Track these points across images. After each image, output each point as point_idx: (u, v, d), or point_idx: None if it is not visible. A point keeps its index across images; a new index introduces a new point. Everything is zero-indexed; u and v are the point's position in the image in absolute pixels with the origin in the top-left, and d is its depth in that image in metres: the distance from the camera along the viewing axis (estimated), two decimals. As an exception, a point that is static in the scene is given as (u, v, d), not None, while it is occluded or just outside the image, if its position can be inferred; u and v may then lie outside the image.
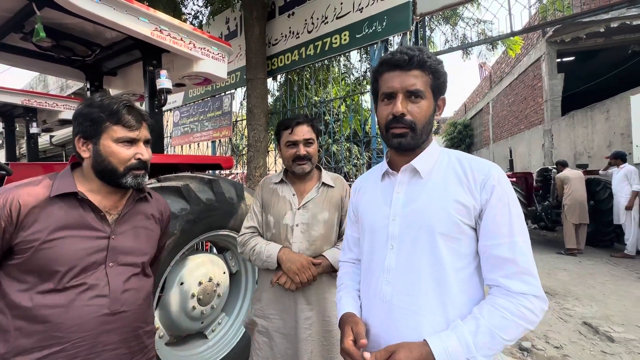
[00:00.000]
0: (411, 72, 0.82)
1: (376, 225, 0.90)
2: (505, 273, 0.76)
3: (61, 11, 1.62)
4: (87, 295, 0.88)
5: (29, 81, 11.50)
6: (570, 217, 5.67)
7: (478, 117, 17.23)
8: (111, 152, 0.94)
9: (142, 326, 1.00)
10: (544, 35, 9.20)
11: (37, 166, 2.60)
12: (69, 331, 0.85)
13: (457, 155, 0.88)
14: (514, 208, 0.78)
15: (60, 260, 0.86)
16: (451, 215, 0.79)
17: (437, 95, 0.85)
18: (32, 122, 3.23)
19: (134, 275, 0.99)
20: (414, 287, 0.81)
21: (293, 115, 1.49)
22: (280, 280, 1.35)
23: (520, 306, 0.72)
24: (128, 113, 0.95)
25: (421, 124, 0.83)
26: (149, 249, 1.05)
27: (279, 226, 1.42)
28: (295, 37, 3.97)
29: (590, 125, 7.75)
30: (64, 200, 0.90)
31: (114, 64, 2.50)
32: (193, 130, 5.40)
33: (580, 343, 2.80)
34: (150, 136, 1.03)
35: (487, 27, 5.58)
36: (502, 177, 0.80)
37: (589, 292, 3.95)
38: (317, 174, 1.53)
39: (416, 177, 0.87)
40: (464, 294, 0.80)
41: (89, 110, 0.94)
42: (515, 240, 0.76)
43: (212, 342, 2.05)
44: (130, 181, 0.97)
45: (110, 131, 0.94)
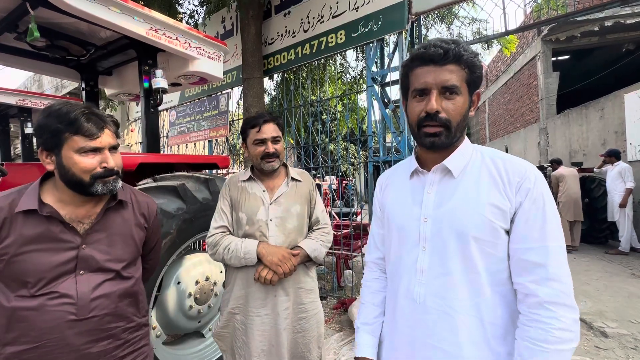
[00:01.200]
0: (446, 67, 0.76)
1: (406, 226, 0.87)
2: (534, 278, 0.72)
3: (55, 11, 1.62)
4: (56, 302, 0.92)
5: (24, 81, 11.40)
6: (565, 214, 5.72)
7: (475, 116, 17.30)
8: (73, 163, 0.92)
9: (121, 325, 1.02)
10: (539, 34, 9.26)
11: (32, 166, 2.58)
12: (41, 332, 0.90)
13: (491, 154, 0.83)
14: (549, 212, 0.74)
15: (28, 272, 0.90)
16: (485, 219, 0.76)
17: (472, 90, 0.80)
18: (27, 122, 3.21)
19: (107, 280, 0.99)
20: (447, 290, 0.79)
21: (259, 114, 1.50)
22: (262, 274, 1.35)
23: (554, 330, 0.69)
24: (87, 121, 0.92)
25: (456, 121, 0.78)
26: (126, 255, 1.05)
27: (252, 222, 1.43)
28: (291, 36, 3.97)
29: (585, 123, 7.81)
30: (30, 215, 0.92)
31: (109, 64, 2.49)
32: (189, 130, 5.39)
33: (575, 339, 2.84)
34: (115, 142, 1.00)
35: (482, 26, 5.61)
36: (539, 179, 0.77)
37: (583, 289, 4.00)
38: (283, 170, 1.57)
39: (448, 176, 0.83)
40: (497, 295, 0.78)
41: (46, 121, 0.91)
42: (547, 245, 0.73)
43: (209, 341, 2.06)
44: (101, 189, 0.96)
45: (71, 142, 0.91)
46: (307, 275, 1.50)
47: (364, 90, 3.87)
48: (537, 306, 0.71)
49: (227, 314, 1.47)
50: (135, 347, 1.06)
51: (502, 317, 0.77)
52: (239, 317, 1.44)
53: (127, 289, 1.04)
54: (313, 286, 1.52)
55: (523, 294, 0.75)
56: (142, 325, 1.10)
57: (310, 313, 1.47)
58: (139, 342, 1.08)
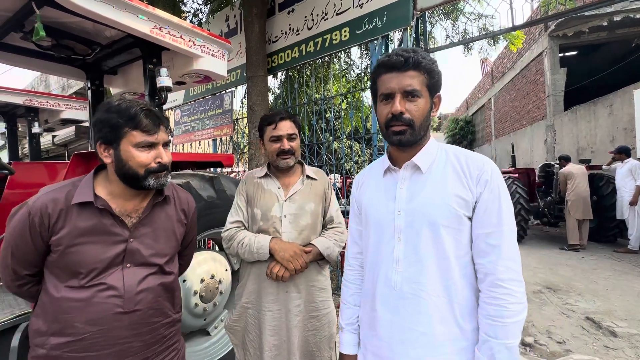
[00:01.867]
0: (407, 73, 0.87)
1: (382, 220, 0.94)
2: (492, 258, 0.83)
3: (61, 10, 1.62)
4: (105, 294, 0.94)
5: (31, 81, 11.53)
6: (573, 213, 5.65)
7: (480, 113, 17.15)
8: (131, 156, 0.96)
9: (160, 320, 1.04)
10: (546, 29, 9.12)
11: (39, 165, 2.61)
12: (86, 324, 0.92)
13: (454, 151, 0.94)
14: (503, 199, 0.85)
15: (81, 263, 0.93)
16: (452, 209, 0.86)
17: (432, 93, 0.90)
18: (34, 121, 3.24)
19: (151, 274, 1.02)
20: (421, 275, 0.88)
21: (276, 111, 1.52)
22: (274, 269, 1.37)
23: (508, 305, 0.80)
24: (146, 117, 0.96)
25: (419, 121, 0.88)
26: (168, 250, 1.08)
27: (266, 218, 1.45)
28: (295, 33, 3.95)
29: (593, 120, 7.69)
30: (84, 208, 0.95)
31: (114, 63, 2.49)
32: (194, 129, 5.41)
33: (583, 338, 2.80)
34: (168, 138, 1.05)
35: (488, 22, 5.54)
36: (495, 172, 0.88)
37: (591, 287, 3.95)
38: (299, 168, 1.57)
39: (417, 172, 0.93)
40: (464, 279, 0.87)
41: (107, 116, 0.96)
42: (502, 229, 0.84)
43: (214, 338, 2.07)
44: (153, 183, 1.00)
45: (130, 136, 0.96)
46: (320, 273, 1.49)
47: (368, 88, 3.85)
48: (494, 284, 0.82)
49: (240, 308, 1.49)
50: (170, 342, 1.08)
51: (469, 297, 0.87)
52: (251, 311, 1.46)
53: (168, 284, 1.07)
54: (326, 285, 1.52)
55: (483, 273, 0.85)
56: (176, 321, 1.12)
57: (322, 312, 1.47)
58: (173, 337, 1.10)
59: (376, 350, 0.95)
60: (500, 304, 0.81)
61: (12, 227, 0.93)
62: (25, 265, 0.95)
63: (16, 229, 0.92)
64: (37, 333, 0.93)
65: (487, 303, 0.83)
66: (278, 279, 1.37)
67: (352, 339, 1.07)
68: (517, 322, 0.81)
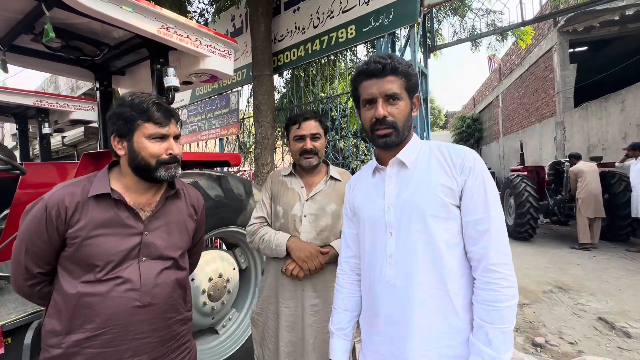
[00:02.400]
0: (386, 78, 0.91)
1: (374, 217, 0.97)
2: (483, 244, 0.85)
3: (70, 11, 1.63)
4: (122, 288, 0.95)
5: (41, 83, 11.72)
6: (584, 211, 5.54)
7: (487, 111, 16.94)
8: (144, 147, 0.99)
9: (174, 316, 1.05)
10: (555, 25, 8.96)
11: (49, 166, 2.64)
12: (105, 318, 0.93)
13: (436, 144, 0.97)
14: (488, 186, 0.87)
15: (98, 255, 0.94)
16: (438, 198, 0.88)
17: (411, 95, 0.95)
18: (45, 122, 3.28)
19: (166, 268, 1.03)
20: (413, 267, 0.89)
21: (301, 111, 1.54)
22: (289, 267, 1.39)
23: (502, 289, 0.82)
24: (157, 110, 1.00)
25: (401, 122, 0.92)
26: (182, 244, 1.10)
27: (287, 216, 1.48)
28: (301, 32, 3.94)
29: (605, 116, 7.54)
30: (100, 200, 0.97)
31: (122, 63, 2.51)
32: (201, 129, 5.44)
33: (596, 339, 2.75)
34: (179, 131, 1.08)
35: (496, 18, 5.45)
36: (477, 159, 0.90)
37: (603, 287, 3.87)
38: (324, 168, 1.58)
39: (403, 168, 0.96)
40: (460, 268, 0.88)
41: (121, 109, 0.99)
42: (490, 215, 0.85)
43: (223, 337, 2.08)
44: (164, 174, 1.02)
45: (142, 128, 0.99)
46: None
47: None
48: (487, 269, 0.83)
49: (262, 301, 1.54)
50: (183, 340, 1.10)
51: (465, 287, 0.88)
52: (271, 306, 1.50)
53: (181, 280, 1.08)
54: None
55: (476, 260, 0.86)
56: (187, 319, 1.13)
57: None
58: (186, 336, 1.11)
59: (377, 348, 0.95)
60: (495, 289, 0.82)
61: (27, 222, 0.94)
62: (38, 262, 0.96)
63: (32, 224, 0.93)
64: (52, 333, 0.93)
65: (481, 289, 0.85)
66: (293, 277, 1.40)
67: (341, 344, 1.07)
68: (512, 306, 0.82)
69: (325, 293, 1.44)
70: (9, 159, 2.01)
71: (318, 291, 1.43)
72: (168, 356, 1.03)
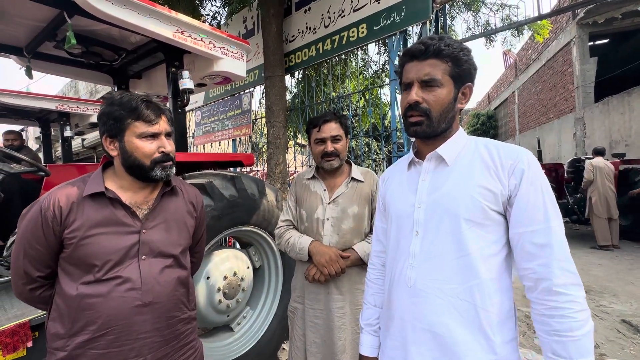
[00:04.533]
0: (427, 62, 0.83)
1: (402, 213, 0.90)
2: (543, 261, 0.73)
3: (90, 18, 1.69)
4: (123, 287, 0.94)
5: (62, 88, 12.14)
6: (597, 212, 5.39)
7: (503, 107, 16.54)
8: (136, 147, 0.98)
9: (177, 315, 1.04)
10: (574, 17, 8.66)
11: (71, 167, 2.74)
12: (107, 319, 0.92)
13: (484, 142, 0.87)
14: (546, 192, 0.76)
15: (96, 255, 0.93)
16: (476, 200, 0.78)
17: (458, 83, 0.84)
18: (66, 126, 3.41)
19: (167, 267, 1.02)
20: (437, 272, 0.81)
21: (322, 114, 1.54)
22: (311, 272, 1.42)
23: (574, 315, 0.70)
24: (147, 108, 0.98)
25: (437, 111, 0.83)
26: (182, 240, 1.08)
27: (311, 220, 1.50)
28: (312, 32, 3.95)
29: (628, 111, 7.24)
30: (96, 200, 0.97)
31: (139, 67, 2.59)
32: (214, 130, 5.52)
33: (619, 342, 2.65)
34: (170, 129, 1.06)
35: (512, 12, 5.32)
36: (533, 161, 0.78)
37: (627, 289, 3.73)
38: (347, 169, 1.57)
39: (442, 164, 0.87)
40: (494, 282, 0.78)
41: (110, 109, 0.98)
42: (550, 225, 0.73)
43: (238, 334, 2.11)
44: (160, 173, 1.01)
45: (132, 127, 0.98)
46: (364, 276, 1.47)
47: (386, 84, 3.79)
48: (551, 292, 0.71)
49: (293, 299, 1.59)
50: (187, 340, 1.09)
51: (498, 304, 0.77)
52: (300, 306, 1.54)
53: (183, 278, 1.07)
54: None
55: (533, 280, 0.74)
56: (192, 318, 1.12)
57: None
58: (190, 335, 1.11)
59: (390, 352, 0.90)
60: (567, 314, 0.70)
61: (24, 225, 0.94)
62: (37, 265, 0.95)
63: (29, 227, 0.93)
64: (56, 337, 0.93)
65: (547, 316, 0.72)
66: (315, 281, 1.42)
67: (370, 340, 1.04)
68: (588, 333, 0.70)
69: (351, 295, 1.44)
70: (34, 161, 2.10)
71: (344, 293, 1.44)
72: (172, 355, 1.03)
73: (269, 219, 2.10)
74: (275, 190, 2.26)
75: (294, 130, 5.37)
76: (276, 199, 2.20)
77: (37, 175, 2.36)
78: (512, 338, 0.80)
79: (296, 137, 5.55)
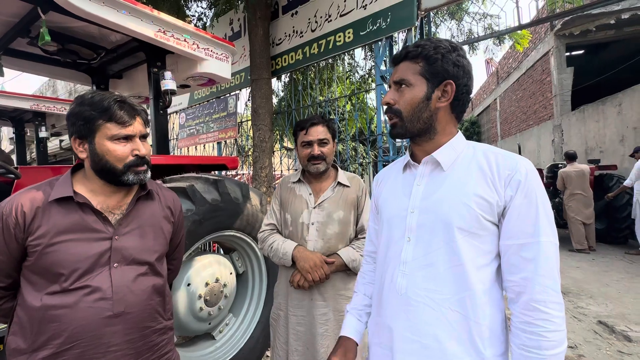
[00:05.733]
0: (400, 65, 0.85)
1: (394, 217, 0.88)
2: (527, 275, 0.71)
3: (66, 14, 1.63)
4: (91, 297, 0.88)
5: (39, 87, 11.71)
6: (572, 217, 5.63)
7: (485, 114, 17.00)
8: (107, 150, 0.92)
9: (152, 325, 0.99)
10: (552, 28, 9.02)
11: (46, 169, 2.62)
12: (74, 332, 0.86)
13: (483, 148, 0.83)
14: (541, 205, 0.73)
15: (62, 263, 0.87)
16: (470, 209, 0.76)
17: (433, 80, 0.80)
18: (41, 126, 3.27)
19: (141, 275, 0.97)
20: (429, 281, 0.79)
21: (309, 117, 1.53)
22: (295, 278, 1.40)
23: (546, 334, 0.69)
24: (120, 109, 0.92)
25: (407, 111, 0.82)
26: (158, 247, 1.03)
27: (295, 224, 1.47)
28: (299, 36, 3.95)
29: (602, 119, 7.57)
30: (63, 205, 0.91)
31: (119, 67, 2.51)
32: (199, 132, 5.43)
33: (596, 342, 2.73)
34: (146, 130, 1.00)
35: (493, 22, 5.49)
36: (531, 173, 0.75)
37: (603, 291, 3.86)
38: (333, 174, 1.56)
39: (438, 169, 0.84)
40: (485, 294, 0.76)
41: (80, 109, 0.92)
42: (540, 240, 0.71)
43: (219, 343, 2.05)
44: (132, 178, 0.95)
45: (104, 129, 0.92)
46: (348, 283, 1.46)
47: (372, 89, 3.82)
48: (529, 307, 0.71)
49: (275, 306, 1.55)
50: (162, 351, 1.04)
51: (490, 317, 0.76)
52: (282, 313, 1.50)
53: (159, 286, 1.02)
54: None
55: (515, 292, 0.74)
56: (168, 328, 1.07)
57: None
58: (166, 347, 1.05)
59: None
60: (537, 332, 0.69)
61: None
62: None
63: None
64: (17, 352, 0.87)
65: (520, 330, 0.72)
66: (299, 288, 1.40)
67: (354, 323, 1.00)
68: (558, 354, 0.69)
69: (334, 302, 1.42)
70: (4, 163, 1.99)
71: (327, 300, 1.41)
72: None
73: (252, 224, 2.06)
74: (260, 194, 2.23)
75: (280, 134, 5.34)
76: (260, 202, 2.17)
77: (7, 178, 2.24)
78: (503, 352, 0.78)
79: (282, 141, 5.51)
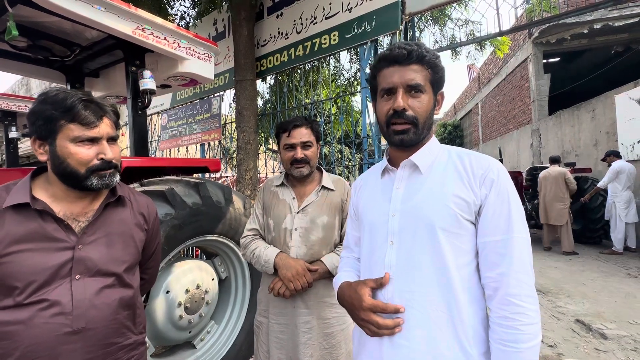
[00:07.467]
0: (410, 67, 0.81)
1: (376, 222, 0.88)
2: (502, 270, 0.74)
3: (36, 8, 1.54)
4: (48, 312, 0.81)
5: (11, 85, 11.18)
6: (542, 219, 5.91)
7: (467, 118, 17.43)
8: (69, 153, 0.85)
9: (118, 341, 0.92)
10: (530, 36, 9.36)
11: (15, 172, 2.48)
12: (26, 350, 0.79)
13: (457, 151, 0.86)
14: (513, 204, 0.77)
15: (17, 275, 0.80)
16: (450, 210, 0.78)
17: (436, 90, 0.84)
18: (12, 126, 3.10)
19: (106, 287, 0.90)
20: (415, 284, 0.79)
21: (292, 118, 1.48)
22: (275, 286, 1.35)
23: (522, 327, 0.71)
24: (85, 109, 0.85)
25: (423, 118, 0.82)
26: (127, 257, 0.96)
27: (278, 229, 1.42)
28: (284, 37, 3.92)
29: (577, 124, 7.88)
30: (20, 212, 0.83)
31: (96, 65, 2.41)
32: (182, 134, 5.29)
33: (574, 341, 2.80)
34: (115, 132, 0.93)
35: (475, 28, 5.63)
36: (502, 172, 0.79)
37: (580, 290, 3.99)
38: (317, 177, 1.51)
39: (416, 172, 0.86)
40: (467, 293, 0.78)
41: (41, 107, 0.85)
42: (513, 236, 0.75)
43: (200, 352, 1.98)
44: (97, 182, 0.88)
45: (66, 130, 0.84)
46: (331, 289, 1.41)
47: (358, 92, 3.83)
48: (504, 301, 0.73)
49: (258, 313, 1.51)
50: None
51: (472, 316, 0.77)
52: (264, 320, 1.45)
53: (127, 299, 0.95)
54: None
55: (492, 289, 0.75)
56: (138, 343, 0.99)
57: (336, 329, 1.38)
58: None
59: None
60: (513, 326, 0.71)
61: None
62: None
63: None
64: None
65: (497, 324, 0.74)
66: (280, 296, 1.34)
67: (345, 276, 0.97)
68: (533, 347, 0.71)
69: (318, 309, 1.38)
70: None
71: (310, 307, 1.37)
72: None
73: (235, 228, 2.00)
74: (244, 197, 2.17)
75: (265, 136, 5.28)
76: (244, 206, 2.11)
77: (-29, 181, 2.10)
78: (486, 350, 0.78)
79: (267, 143, 5.46)
